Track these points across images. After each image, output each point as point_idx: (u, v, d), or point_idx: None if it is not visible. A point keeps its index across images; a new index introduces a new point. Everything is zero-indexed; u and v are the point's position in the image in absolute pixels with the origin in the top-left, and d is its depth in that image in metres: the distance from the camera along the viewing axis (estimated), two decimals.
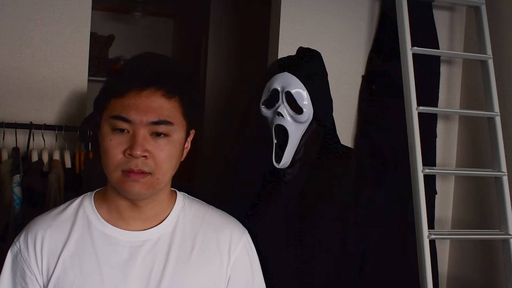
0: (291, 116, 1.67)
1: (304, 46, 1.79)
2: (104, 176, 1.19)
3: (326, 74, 1.77)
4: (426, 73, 2.42)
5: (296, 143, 1.68)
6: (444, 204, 2.64)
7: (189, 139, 1.25)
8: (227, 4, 3.93)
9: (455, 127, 2.66)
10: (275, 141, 1.69)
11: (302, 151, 1.69)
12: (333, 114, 1.79)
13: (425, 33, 2.48)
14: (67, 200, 1.28)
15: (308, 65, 1.72)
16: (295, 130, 1.67)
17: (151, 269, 1.18)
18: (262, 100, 1.72)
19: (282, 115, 1.66)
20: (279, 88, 1.68)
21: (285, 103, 1.67)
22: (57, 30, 2.14)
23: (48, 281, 1.17)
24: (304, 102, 1.67)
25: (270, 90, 1.70)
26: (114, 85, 1.17)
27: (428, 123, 2.46)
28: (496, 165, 2.25)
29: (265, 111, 1.72)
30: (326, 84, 1.77)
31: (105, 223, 1.21)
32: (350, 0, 2.50)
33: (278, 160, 1.67)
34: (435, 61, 2.53)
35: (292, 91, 1.66)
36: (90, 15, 2.18)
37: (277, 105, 1.68)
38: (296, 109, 1.67)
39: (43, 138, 2.02)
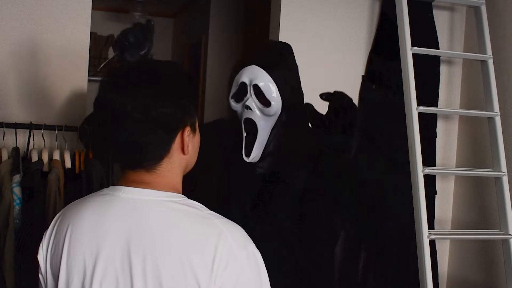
0: (260, 109, 1.65)
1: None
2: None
3: (296, 67, 1.75)
4: (426, 73, 2.42)
5: (265, 136, 1.66)
6: (444, 204, 2.64)
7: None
8: (227, 4, 3.93)
9: (455, 127, 2.66)
10: (244, 135, 1.68)
11: (272, 145, 1.67)
12: None
13: (425, 33, 2.48)
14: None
15: (276, 59, 1.70)
16: (264, 123, 1.65)
17: None
18: (231, 94, 1.70)
19: (250, 109, 1.64)
20: (247, 81, 1.65)
21: (253, 96, 1.64)
22: (57, 30, 2.14)
23: None
24: (273, 95, 1.64)
25: (238, 84, 1.67)
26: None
27: (428, 123, 2.46)
28: (496, 165, 2.25)
29: (234, 105, 1.69)
30: (295, 76, 1.74)
31: None
32: (350, 0, 2.50)
33: (248, 154, 1.66)
34: (435, 61, 2.53)
35: (260, 84, 1.63)
36: (90, 15, 2.18)
37: (245, 99, 1.66)
38: (264, 102, 1.65)
39: (43, 138, 2.02)
